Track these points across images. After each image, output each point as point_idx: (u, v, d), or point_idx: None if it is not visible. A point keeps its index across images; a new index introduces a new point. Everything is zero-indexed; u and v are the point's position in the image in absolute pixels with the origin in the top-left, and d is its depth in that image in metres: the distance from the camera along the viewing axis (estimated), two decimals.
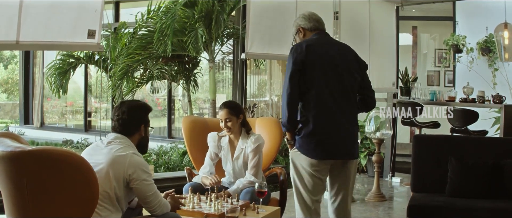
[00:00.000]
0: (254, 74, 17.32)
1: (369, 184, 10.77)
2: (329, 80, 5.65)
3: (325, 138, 5.65)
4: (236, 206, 5.64)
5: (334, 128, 5.69)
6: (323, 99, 5.61)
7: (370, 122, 9.91)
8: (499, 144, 8.03)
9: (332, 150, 5.73)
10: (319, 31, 6.00)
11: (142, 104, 5.28)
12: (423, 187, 7.50)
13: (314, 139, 5.62)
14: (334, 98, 5.66)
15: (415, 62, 16.66)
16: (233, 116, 6.59)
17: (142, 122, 5.14)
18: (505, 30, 12.77)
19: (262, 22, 8.33)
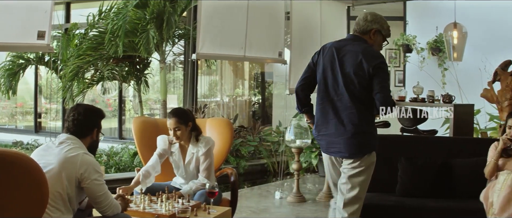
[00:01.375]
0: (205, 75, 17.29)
1: (320, 184, 10.79)
2: (328, 81, 5.93)
3: (321, 133, 6.01)
4: (187, 206, 5.61)
5: (327, 126, 5.95)
6: (322, 97, 5.97)
7: None
8: (448, 143, 8.10)
9: (326, 145, 6.04)
10: (351, 34, 6.19)
11: (98, 109, 5.28)
12: (374, 186, 7.46)
13: (315, 132, 6.09)
14: (331, 97, 5.90)
15: None
16: (182, 125, 6.52)
17: (96, 126, 5.12)
18: (455, 30, 12.87)
19: (213, 23, 8.30)
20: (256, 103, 18.64)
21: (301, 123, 9.67)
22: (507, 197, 6.34)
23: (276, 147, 13.99)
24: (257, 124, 15.41)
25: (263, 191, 10.51)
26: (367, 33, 6.00)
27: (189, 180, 6.60)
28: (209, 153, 6.55)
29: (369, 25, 6.01)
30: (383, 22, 6.06)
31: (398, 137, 8.94)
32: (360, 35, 6.03)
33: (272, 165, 13.83)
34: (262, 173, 13.80)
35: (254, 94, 18.73)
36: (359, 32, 6.04)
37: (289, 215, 8.74)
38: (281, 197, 9.75)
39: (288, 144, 9.68)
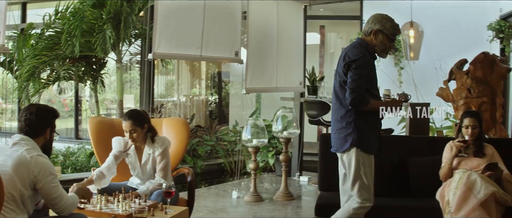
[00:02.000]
0: (162, 74, 17.23)
1: (277, 183, 10.79)
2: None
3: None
4: (144, 206, 5.57)
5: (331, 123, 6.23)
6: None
7: (277, 121, 9.93)
8: (404, 142, 8.17)
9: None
10: (357, 37, 6.35)
11: (51, 108, 5.24)
12: (330, 185, 7.53)
13: None
14: (333, 97, 6.12)
15: (323, 61, 16.79)
16: (138, 127, 6.48)
17: (49, 125, 5.08)
18: (411, 29, 12.95)
19: (170, 23, 8.26)
20: (213, 102, 18.63)
21: (258, 122, 9.67)
22: (463, 195, 6.40)
23: (233, 146, 13.99)
24: (214, 123, 15.41)
25: (220, 191, 10.49)
26: (369, 35, 6.07)
27: (145, 180, 6.57)
28: (165, 153, 6.53)
29: (371, 27, 6.10)
30: (385, 22, 6.10)
31: None
32: (364, 37, 6.10)
33: (229, 164, 13.84)
34: (219, 173, 13.80)
35: (211, 94, 18.71)
36: (363, 34, 6.12)
37: (247, 215, 8.72)
38: (238, 196, 9.74)
39: (245, 144, 9.67)
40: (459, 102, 9.35)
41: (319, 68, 16.31)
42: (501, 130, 9.48)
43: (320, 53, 16.87)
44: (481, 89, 9.29)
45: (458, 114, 8.72)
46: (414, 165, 7.38)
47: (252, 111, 15.44)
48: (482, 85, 9.31)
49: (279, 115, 10.00)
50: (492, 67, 9.38)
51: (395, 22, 6.14)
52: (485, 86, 9.32)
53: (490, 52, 9.73)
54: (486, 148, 7.02)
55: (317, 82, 11.43)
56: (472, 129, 6.93)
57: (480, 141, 7.03)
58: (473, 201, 6.34)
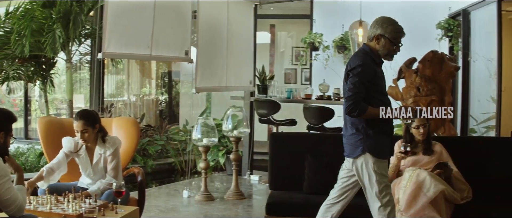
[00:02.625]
0: (112, 74, 17.12)
1: (228, 182, 10.79)
2: None
3: None
4: (94, 206, 5.53)
5: None
6: None
7: (227, 120, 9.93)
8: None
9: None
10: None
11: (6, 111, 5.15)
12: (281, 184, 7.56)
13: None
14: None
15: (273, 60, 16.82)
16: (89, 127, 6.44)
17: (3, 129, 4.98)
18: (360, 28, 13.02)
19: (120, 22, 8.21)
20: (163, 102, 18.57)
21: (208, 121, 9.66)
22: (413, 193, 6.46)
23: (183, 146, 13.96)
24: (164, 123, 15.36)
25: (171, 190, 10.46)
26: (372, 40, 6.00)
27: (96, 180, 6.53)
28: (116, 153, 6.51)
29: (373, 31, 6.01)
30: (386, 26, 5.99)
31: (305, 135, 9.02)
32: (368, 43, 6.06)
33: (180, 164, 13.80)
34: (169, 172, 13.75)
35: (161, 93, 18.65)
36: (368, 40, 6.08)
37: (198, 214, 8.71)
38: (189, 196, 9.72)
39: (195, 143, 9.66)
40: (408, 101, 9.42)
41: (269, 67, 16.34)
42: (450, 128, 9.57)
43: (270, 52, 16.91)
44: (430, 87, 9.37)
45: None
46: None
47: (202, 110, 15.42)
48: (431, 83, 9.39)
49: (229, 114, 10.00)
50: (441, 66, 9.46)
51: (397, 25, 6.05)
52: (434, 85, 9.40)
53: (439, 51, 9.82)
54: (434, 146, 7.10)
55: (267, 81, 11.45)
56: (423, 128, 7.01)
57: (428, 139, 7.10)
58: (423, 199, 6.42)
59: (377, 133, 5.82)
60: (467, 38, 12.68)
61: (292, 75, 16.62)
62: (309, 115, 10.66)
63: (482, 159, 7.37)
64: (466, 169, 6.99)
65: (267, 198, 7.19)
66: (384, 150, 5.94)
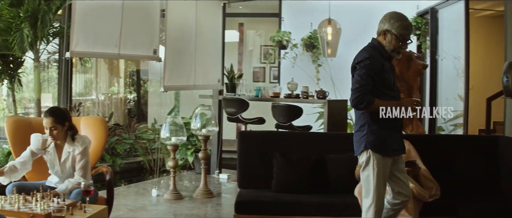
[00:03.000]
0: (81, 73, 17.03)
1: (197, 181, 10.78)
2: None
3: None
4: (62, 205, 5.51)
5: None
6: None
7: (195, 119, 9.92)
8: (322, 139, 8.22)
9: None
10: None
11: None
12: (249, 183, 7.57)
13: None
14: None
15: (241, 59, 16.83)
16: (59, 125, 6.43)
17: None
18: (329, 26, 13.06)
19: (88, 21, 8.17)
20: (132, 101, 18.52)
21: (176, 120, 9.65)
22: None
23: (152, 144, 13.93)
24: (133, 122, 15.31)
25: (140, 189, 10.43)
26: (380, 35, 6.02)
27: (64, 179, 6.51)
28: (85, 152, 6.50)
29: (381, 26, 6.02)
30: (394, 21, 5.96)
31: (273, 133, 9.02)
32: (377, 37, 6.06)
33: (149, 162, 13.77)
34: (138, 171, 13.72)
35: (129, 92, 18.59)
36: (377, 34, 6.08)
37: (167, 213, 8.70)
38: (158, 194, 9.70)
39: (164, 142, 9.65)
40: None
41: (238, 66, 16.35)
42: (418, 126, 9.63)
43: (239, 50, 16.92)
44: (398, 85, 9.39)
45: None
46: (332, 162, 7.44)
47: (171, 109, 15.39)
48: (399, 81, 9.41)
49: (197, 112, 9.99)
50: (409, 64, 9.51)
51: (406, 22, 5.96)
52: (402, 83, 9.44)
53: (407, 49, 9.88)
54: None
55: (235, 79, 11.46)
56: None
57: None
58: None
59: (382, 129, 5.81)
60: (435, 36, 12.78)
61: (260, 73, 16.64)
62: (277, 113, 10.67)
63: (450, 157, 7.43)
64: (434, 167, 7.03)
65: (236, 196, 7.19)
66: (389, 147, 5.88)
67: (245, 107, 10.92)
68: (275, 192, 7.21)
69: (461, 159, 7.22)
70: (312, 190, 7.23)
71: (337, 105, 10.91)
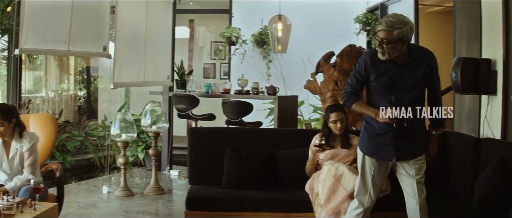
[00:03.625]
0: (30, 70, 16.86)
1: (148, 178, 10.77)
2: None
3: None
4: (12, 203, 5.47)
5: None
6: None
7: (145, 115, 9.90)
8: (273, 135, 8.25)
9: None
10: None
11: None
12: (200, 179, 7.58)
13: None
14: None
15: (192, 55, 16.81)
16: (5, 121, 6.38)
17: None
18: (279, 22, 13.13)
19: (37, 18, 8.12)
20: (82, 98, 18.40)
21: (127, 117, 9.63)
22: (332, 187, 6.51)
23: (102, 141, 13.87)
24: (83, 119, 15.22)
25: (90, 186, 10.39)
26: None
27: (13, 176, 6.46)
28: (33, 149, 6.46)
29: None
30: (378, 23, 5.89)
31: (223, 129, 9.04)
32: None
33: (99, 159, 13.70)
34: (89, 168, 13.65)
35: (79, 89, 18.47)
36: None
37: (118, 210, 8.68)
38: (109, 191, 9.67)
39: (114, 138, 9.62)
40: (327, 95, 9.52)
41: (188, 62, 16.33)
42: None
43: (189, 46, 16.90)
44: None
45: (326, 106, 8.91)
46: (283, 158, 7.46)
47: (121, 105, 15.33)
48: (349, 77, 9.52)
49: (148, 109, 9.97)
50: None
51: (385, 19, 5.81)
52: None
53: (357, 45, 9.96)
54: (352, 140, 7.11)
55: (185, 76, 11.46)
56: (340, 123, 7.03)
57: (347, 133, 7.16)
58: (342, 193, 6.47)
59: (367, 130, 5.93)
60: None
61: (211, 69, 16.64)
62: (227, 109, 10.70)
63: None
64: None
65: (187, 193, 7.20)
66: (369, 148, 5.96)
67: (195, 104, 10.92)
68: (226, 188, 7.22)
69: None
70: (263, 186, 7.25)
71: (288, 101, 10.97)
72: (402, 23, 5.60)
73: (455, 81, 7.37)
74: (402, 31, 5.57)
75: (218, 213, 6.82)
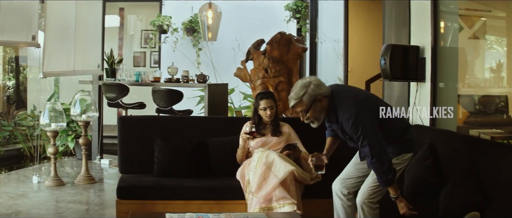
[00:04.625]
0: None
1: (78, 167, 10.70)
2: None
3: None
4: None
5: None
6: None
7: (75, 105, 9.84)
8: (203, 122, 8.30)
9: None
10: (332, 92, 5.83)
11: None
12: (131, 168, 7.57)
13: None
14: None
15: (122, 44, 16.72)
16: None
17: None
18: (209, 10, 13.16)
19: None
20: (11, 87, 18.17)
21: (56, 106, 9.56)
22: (263, 175, 6.54)
23: (32, 131, 13.75)
24: (12, 108, 15.05)
25: (20, 176, 10.29)
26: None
27: None
28: None
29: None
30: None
31: (154, 118, 9.03)
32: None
33: (29, 149, 13.58)
34: (18, 158, 13.53)
35: (8, 79, 18.22)
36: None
37: (48, 199, 8.62)
38: (39, 181, 9.59)
39: (44, 128, 9.55)
40: (257, 82, 9.59)
41: (118, 51, 16.23)
42: None
43: (119, 35, 16.79)
44: (278, 68, 9.56)
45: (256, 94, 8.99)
46: (214, 146, 7.50)
47: (50, 95, 15.20)
48: (279, 64, 9.58)
49: (77, 98, 9.90)
50: (289, 47, 9.67)
51: (290, 96, 5.80)
52: (281, 66, 9.60)
53: (287, 32, 10.04)
54: (283, 127, 7.21)
55: (115, 64, 11.43)
56: (270, 110, 7.09)
57: (277, 120, 7.22)
58: (273, 180, 6.47)
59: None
60: (314, 19, 13.02)
61: (141, 58, 16.57)
62: (158, 98, 10.70)
63: None
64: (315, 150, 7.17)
65: (117, 182, 7.20)
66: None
67: (125, 92, 10.90)
68: (157, 177, 7.23)
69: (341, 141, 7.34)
70: (194, 174, 7.29)
71: (218, 89, 11.02)
72: (304, 87, 5.64)
73: (384, 68, 7.48)
74: (309, 93, 5.61)
75: (149, 201, 6.81)
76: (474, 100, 7.74)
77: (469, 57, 7.65)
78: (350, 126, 5.55)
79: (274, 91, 9.30)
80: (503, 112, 7.48)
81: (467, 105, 7.72)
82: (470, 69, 7.68)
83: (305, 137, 7.31)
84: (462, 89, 7.57)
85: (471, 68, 7.70)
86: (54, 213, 7.86)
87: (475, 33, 7.68)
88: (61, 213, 7.82)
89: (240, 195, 6.79)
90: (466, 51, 7.56)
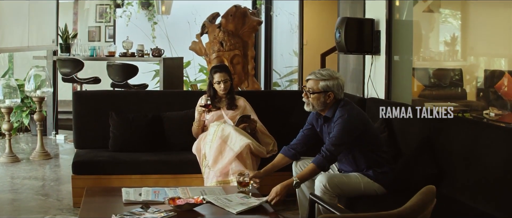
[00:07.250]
0: None
1: (34, 143, 10.63)
2: None
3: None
4: None
5: None
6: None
7: (29, 81, 9.76)
8: (158, 97, 8.29)
9: None
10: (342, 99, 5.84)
11: None
12: (86, 143, 7.54)
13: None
14: None
15: (76, 18, 16.57)
16: None
17: None
18: None
19: None
20: None
21: (10, 82, 9.48)
22: (219, 148, 6.56)
23: None
24: None
25: None
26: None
27: None
28: None
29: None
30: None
31: (109, 93, 9.01)
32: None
33: None
34: None
35: None
36: None
37: (4, 176, 8.56)
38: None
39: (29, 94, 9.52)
40: (212, 56, 9.60)
41: (73, 25, 16.10)
42: (254, 82, 9.84)
43: (74, 10, 16.64)
44: (233, 42, 9.58)
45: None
46: (169, 120, 7.49)
47: (5, 71, 15.04)
48: (234, 38, 9.60)
49: (31, 74, 9.82)
50: (244, 20, 9.69)
51: (316, 70, 5.76)
52: (237, 39, 9.62)
53: (242, 5, 10.03)
54: (238, 101, 7.21)
55: (70, 39, 11.35)
56: (224, 84, 7.07)
57: (232, 94, 7.22)
58: (229, 154, 6.49)
59: None
60: None
61: (96, 33, 16.45)
62: (113, 72, 10.66)
63: (286, 113, 7.64)
64: (271, 123, 7.20)
65: (73, 157, 7.17)
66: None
67: (80, 67, 10.85)
68: (113, 152, 7.22)
69: (296, 114, 7.27)
70: (150, 148, 7.29)
71: (173, 63, 11.01)
72: (330, 76, 5.61)
73: (339, 41, 7.50)
74: (328, 83, 5.58)
75: (105, 176, 6.79)
76: (429, 73, 7.81)
77: (424, 30, 7.70)
78: (338, 122, 5.58)
79: (229, 64, 9.32)
80: (458, 85, 7.56)
81: (422, 78, 7.78)
82: (425, 42, 7.74)
83: (261, 110, 7.35)
84: (417, 62, 7.64)
85: (426, 41, 7.76)
86: (9, 189, 7.82)
87: (430, 6, 7.74)
88: (16, 189, 7.78)
89: (197, 169, 6.80)
90: (420, 24, 7.61)
